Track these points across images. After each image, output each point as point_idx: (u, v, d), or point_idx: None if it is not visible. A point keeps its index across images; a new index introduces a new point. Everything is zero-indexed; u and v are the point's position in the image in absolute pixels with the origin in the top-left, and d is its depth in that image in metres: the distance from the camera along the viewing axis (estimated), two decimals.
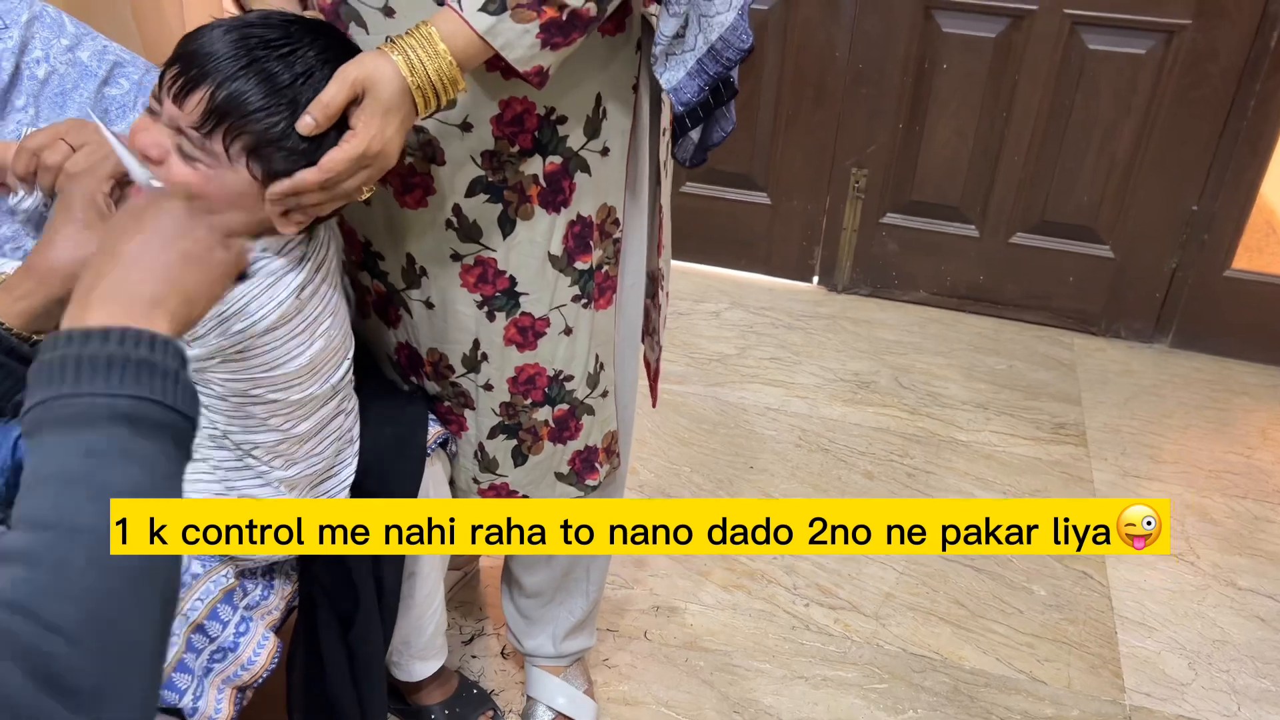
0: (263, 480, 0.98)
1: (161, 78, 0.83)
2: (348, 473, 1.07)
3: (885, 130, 2.46)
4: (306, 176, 0.83)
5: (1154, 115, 2.28)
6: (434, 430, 1.16)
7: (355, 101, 0.82)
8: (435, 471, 1.17)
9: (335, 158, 0.83)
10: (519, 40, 0.86)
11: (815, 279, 2.71)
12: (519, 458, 1.20)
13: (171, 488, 0.60)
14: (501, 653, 1.62)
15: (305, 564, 1.12)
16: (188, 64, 0.82)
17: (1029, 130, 2.37)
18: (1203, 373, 2.42)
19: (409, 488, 1.13)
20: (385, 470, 1.12)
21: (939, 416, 2.22)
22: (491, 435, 1.18)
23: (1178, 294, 2.45)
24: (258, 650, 0.97)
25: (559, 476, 1.23)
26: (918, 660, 1.64)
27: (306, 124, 0.82)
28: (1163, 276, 2.44)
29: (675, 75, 0.98)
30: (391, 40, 0.85)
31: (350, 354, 1.03)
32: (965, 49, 2.34)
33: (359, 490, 1.11)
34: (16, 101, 1.03)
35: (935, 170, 2.48)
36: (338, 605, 1.12)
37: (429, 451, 1.14)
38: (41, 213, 0.99)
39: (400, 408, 1.16)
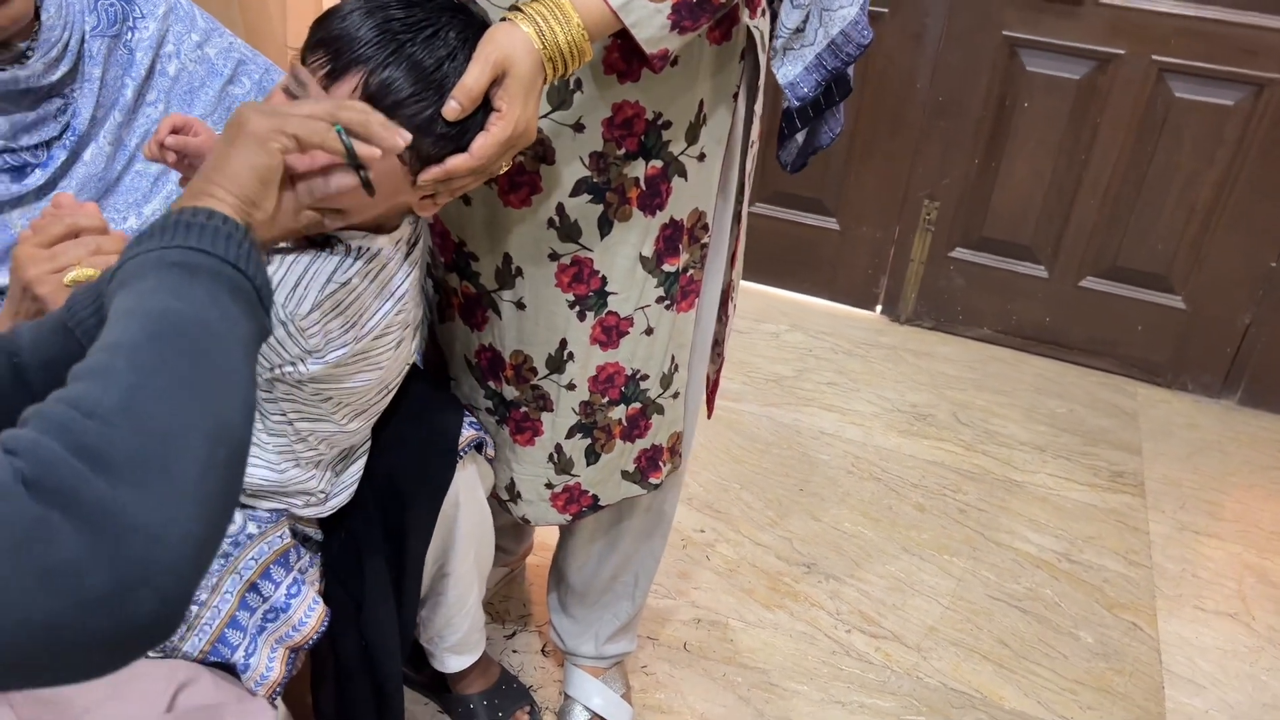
0: (305, 463, 1.01)
1: (306, 61, 0.82)
2: (365, 448, 1.10)
3: (960, 164, 2.46)
4: (460, 162, 0.83)
5: (1238, 168, 2.25)
6: (468, 434, 1.16)
7: (495, 81, 0.82)
8: (468, 476, 1.17)
9: (487, 143, 0.83)
10: (650, 20, 0.86)
11: (879, 308, 2.70)
12: (592, 456, 1.21)
13: (228, 330, 0.58)
14: (542, 650, 1.63)
15: (324, 546, 1.14)
16: (335, 49, 0.81)
17: (1107, 174, 2.35)
18: (1270, 432, 2.37)
19: (437, 488, 1.13)
20: (414, 470, 1.13)
21: (995, 455, 2.20)
22: (569, 435, 1.19)
23: (1249, 350, 2.40)
24: (309, 612, 0.99)
25: (625, 475, 1.24)
26: (957, 696, 1.62)
27: (452, 109, 0.81)
28: (1235, 331, 2.40)
29: (793, 70, 0.98)
30: (519, 9, 0.85)
31: (410, 359, 1.05)
32: (1048, 89, 2.32)
33: (388, 488, 1.12)
34: (149, 97, 1.05)
35: (1008, 208, 2.47)
36: (350, 588, 1.13)
37: (461, 454, 1.14)
38: None
39: (436, 408, 1.16)
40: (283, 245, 0.88)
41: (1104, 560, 1.93)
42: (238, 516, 1.00)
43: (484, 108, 0.83)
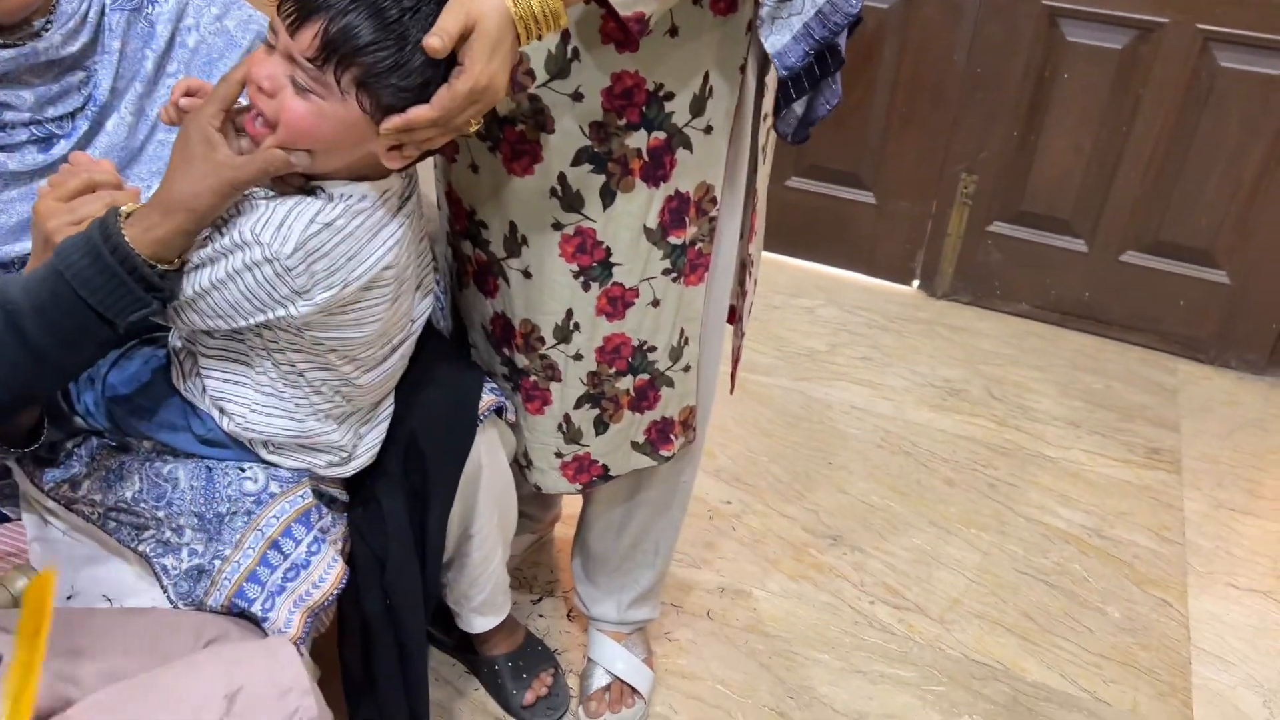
0: (323, 416, 1.05)
1: (278, 10, 0.86)
2: (388, 411, 1.14)
3: (999, 137, 2.43)
4: (420, 113, 0.85)
5: None
6: (488, 399, 1.18)
7: (462, 37, 0.84)
8: (490, 439, 1.20)
9: (448, 94, 0.85)
10: None
11: (915, 283, 2.69)
12: (600, 426, 1.23)
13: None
14: (567, 615, 1.67)
15: (349, 507, 1.18)
16: None
17: (1149, 147, 2.31)
18: None
19: (459, 453, 1.16)
20: (436, 435, 1.15)
21: (1028, 430, 2.19)
22: (578, 405, 1.21)
23: None
24: (328, 570, 1.03)
25: (635, 446, 1.26)
26: (979, 668, 1.63)
27: (434, 45, 0.83)
28: None
29: (780, 39, 0.98)
30: None
31: (416, 317, 1.08)
32: (1089, 59, 2.28)
33: (410, 452, 1.15)
34: (169, 69, 1.09)
35: (1048, 181, 2.44)
36: (374, 547, 1.17)
37: (481, 419, 1.17)
38: None
39: (457, 374, 1.19)
40: (265, 191, 0.92)
41: (1135, 536, 1.91)
42: (260, 475, 1.04)
43: (449, 60, 0.85)
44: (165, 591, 1.02)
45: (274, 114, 0.87)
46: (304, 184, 0.93)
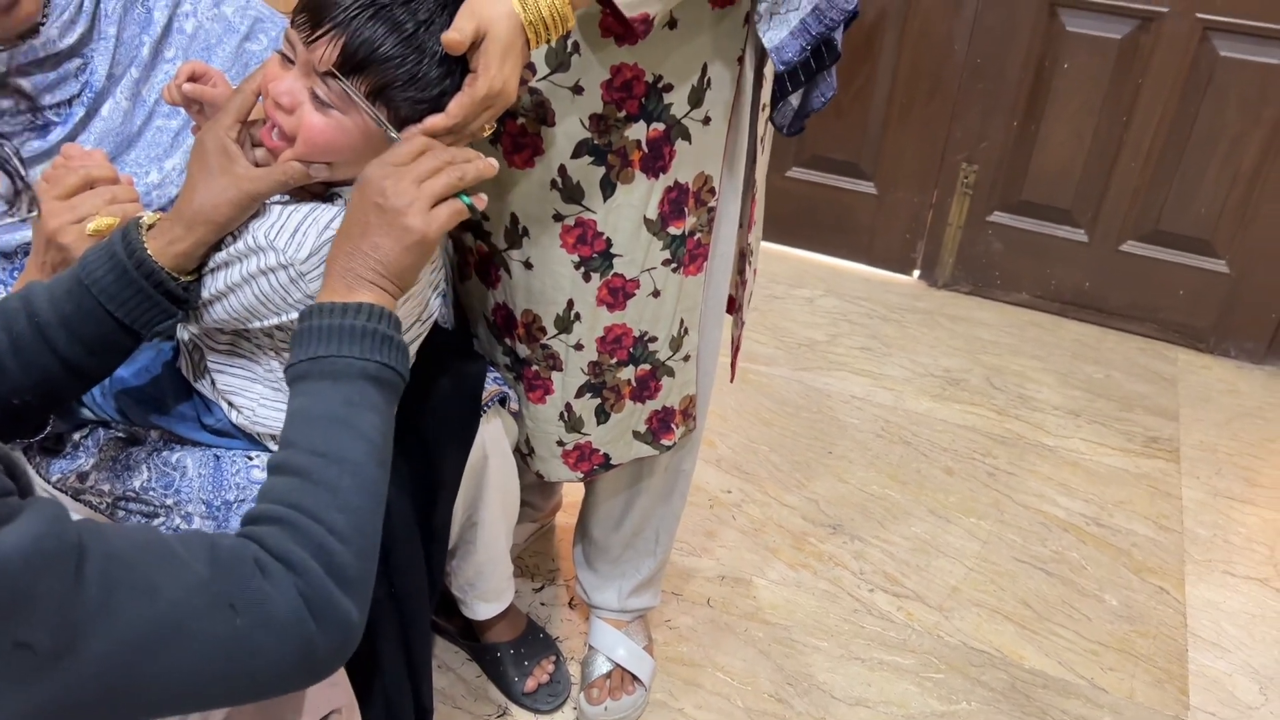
0: None
1: (293, 23, 0.87)
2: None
3: (999, 127, 2.43)
4: (436, 121, 0.86)
5: None
6: (491, 388, 1.19)
7: (474, 44, 0.85)
8: (493, 429, 1.21)
9: (462, 103, 0.86)
10: None
11: (916, 273, 2.69)
12: (602, 416, 1.25)
13: (391, 428, 0.82)
14: (569, 603, 1.69)
15: None
16: (318, 11, 0.85)
17: (1149, 136, 2.31)
18: None
19: (463, 442, 1.17)
20: (440, 425, 1.16)
21: (1028, 420, 2.20)
22: (579, 395, 1.23)
23: None
24: None
25: (636, 435, 1.28)
26: (977, 655, 1.64)
27: (453, 39, 0.83)
28: None
29: (778, 34, 0.99)
30: None
31: (425, 317, 1.09)
32: (1089, 49, 2.29)
33: (415, 441, 1.16)
34: (166, 54, 1.10)
35: (1048, 171, 2.44)
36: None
37: (485, 408, 1.18)
38: None
39: (460, 363, 1.20)
40: (282, 197, 0.92)
41: (1133, 525, 1.93)
42: (254, 464, 1.05)
43: (462, 69, 0.87)
44: None
45: (293, 129, 0.87)
46: (322, 190, 0.94)
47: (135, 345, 0.88)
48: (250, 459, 1.05)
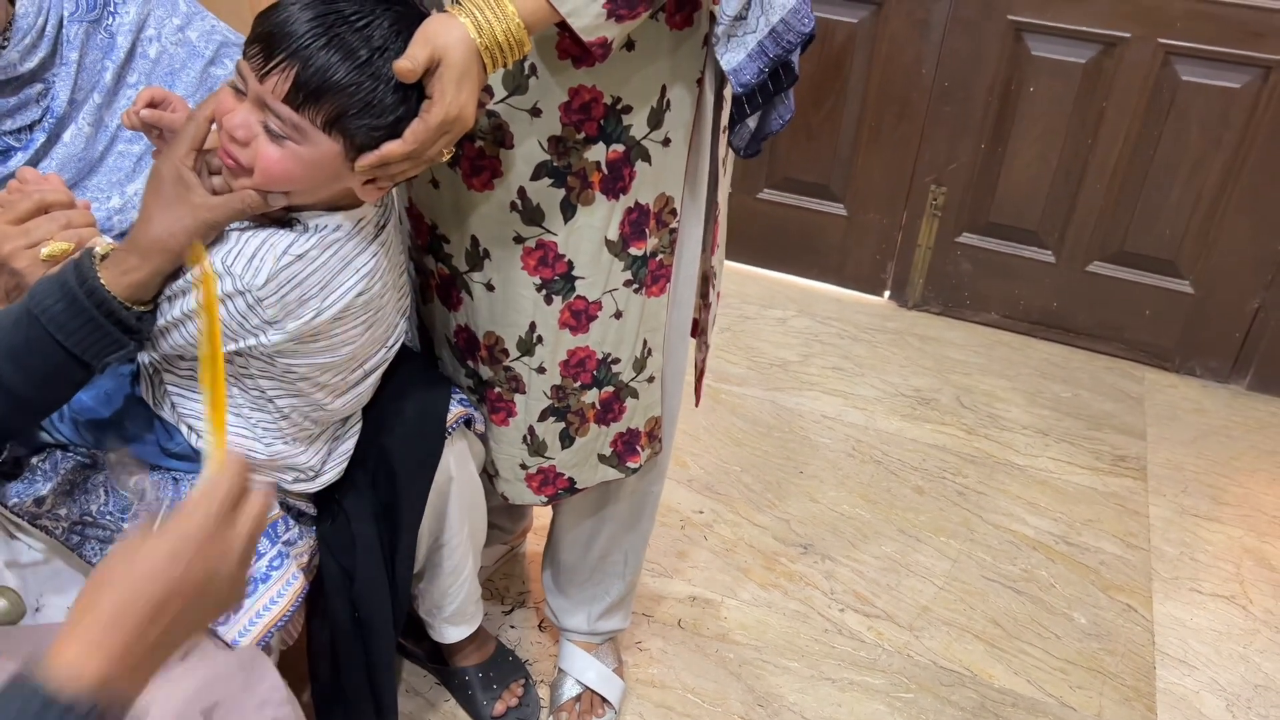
0: (291, 439, 1.05)
1: (245, 55, 0.86)
2: (356, 426, 1.15)
3: (967, 150, 2.46)
4: (393, 148, 0.87)
5: (1245, 151, 2.24)
6: (456, 410, 1.19)
7: (429, 70, 0.85)
8: (459, 451, 1.21)
9: (419, 129, 0.86)
10: (585, 8, 0.88)
11: (886, 293, 2.71)
12: (566, 440, 1.24)
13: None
14: (539, 625, 1.68)
15: (317, 520, 1.18)
16: (270, 42, 0.84)
17: (1113, 159, 2.34)
18: (1278, 417, 2.36)
19: (428, 465, 1.17)
20: (405, 447, 1.16)
21: (997, 439, 2.22)
22: (542, 418, 1.22)
23: (1259, 335, 2.39)
24: (287, 586, 1.04)
25: (601, 458, 1.28)
26: (947, 674, 1.64)
27: (404, 67, 0.83)
28: (1244, 316, 2.39)
29: (736, 57, 1.00)
30: (458, 2, 0.87)
31: (392, 343, 1.09)
32: (1054, 73, 2.32)
33: (379, 464, 1.16)
34: (129, 79, 1.09)
35: (1015, 193, 2.47)
36: (342, 560, 1.17)
37: (450, 430, 1.18)
38: None
39: (425, 386, 1.20)
40: (242, 224, 0.92)
41: (1102, 543, 1.94)
42: None
43: (418, 95, 0.87)
44: None
45: (249, 161, 0.87)
46: (281, 214, 0.94)
47: (87, 378, 0.87)
48: None
